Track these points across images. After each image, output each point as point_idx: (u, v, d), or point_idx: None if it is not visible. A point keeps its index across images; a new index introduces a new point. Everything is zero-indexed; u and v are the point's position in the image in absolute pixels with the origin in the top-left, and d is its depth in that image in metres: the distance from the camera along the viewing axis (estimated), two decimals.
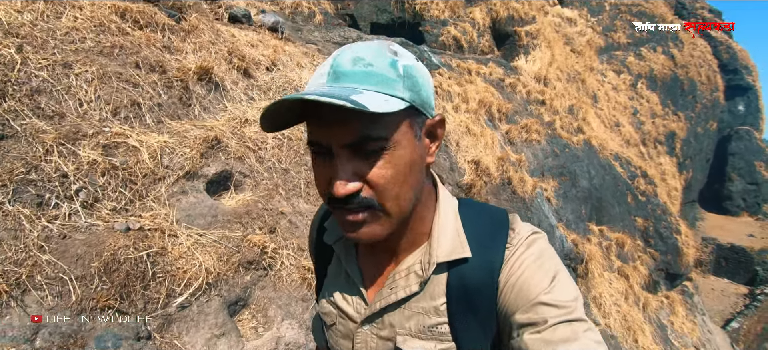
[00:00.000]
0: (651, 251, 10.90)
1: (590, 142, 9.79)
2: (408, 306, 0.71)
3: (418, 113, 0.63)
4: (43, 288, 1.38)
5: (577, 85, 13.26)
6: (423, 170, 0.67)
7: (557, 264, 0.67)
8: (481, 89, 7.79)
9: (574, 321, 0.60)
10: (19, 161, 1.68)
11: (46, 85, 2.05)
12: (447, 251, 0.69)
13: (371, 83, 0.58)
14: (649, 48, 19.43)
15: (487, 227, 0.70)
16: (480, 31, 9.42)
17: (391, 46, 0.63)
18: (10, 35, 2.16)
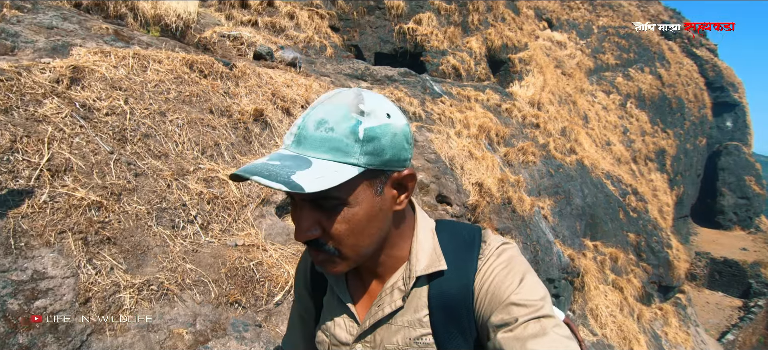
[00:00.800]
0: (643, 264, 11.55)
1: (583, 162, 10.52)
2: (394, 322, 0.78)
3: (380, 172, 0.68)
4: (192, 288, 1.97)
5: (568, 107, 14.06)
6: (387, 218, 0.72)
7: (525, 268, 0.73)
8: (480, 115, 8.50)
9: (543, 317, 0.65)
10: (152, 193, 2.29)
11: (151, 131, 2.68)
12: (425, 265, 0.76)
13: (325, 150, 0.63)
14: (636, 68, 20.46)
15: (461, 242, 0.78)
16: (477, 59, 10.20)
17: (361, 104, 0.66)
18: (116, 89, 2.79)
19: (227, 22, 7.18)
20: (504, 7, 12.41)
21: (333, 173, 0.61)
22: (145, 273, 1.89)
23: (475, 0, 10.73)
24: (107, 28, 3.93)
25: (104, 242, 1.85)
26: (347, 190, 0.65)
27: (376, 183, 0.68)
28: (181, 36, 6.13)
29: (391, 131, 0.67)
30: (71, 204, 1.87)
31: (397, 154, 0.68)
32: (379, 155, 0.66)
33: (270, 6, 7.82)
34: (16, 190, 1.77)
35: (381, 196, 0.69)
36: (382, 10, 9.60)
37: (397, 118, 0.69)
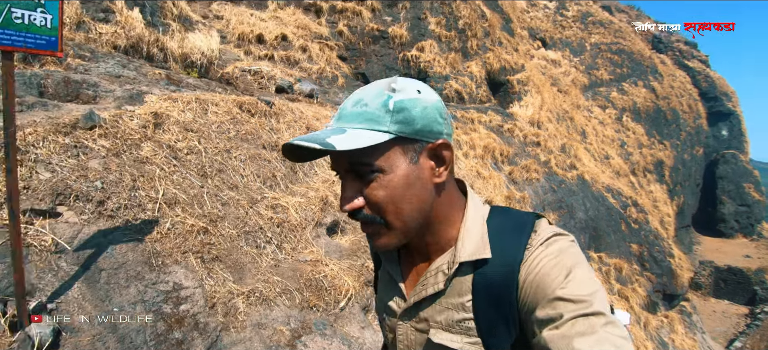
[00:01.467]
0: (647, 274, 12.02)
1: (583, 177, 11.10)
2: (440, 302, 0.81)
3: (412, 140, 0.72)
4: (282, 295, 2.46)
5: (566, 124, 14.70)
6: (426, 189, 0.75)
7: (575, 261, 0.71)
8: (484, 136, 9.09)
9: (592, 315, 0.62)
10: (236, 219, 2.79)
11: (222, 166, 3.19)
12: (469, 252, 0.77)
13: (360, 121, 0.71)
14: (630, 83, 21.27)
15: (511, 230, 0.78)
16: (477, 82, 10.84)
17: (393, 83, 0.74)
18: (189, 130, 3.31)
19: (246, 57, 7.76)
20: (500, 30, 13.14)
21: (364, 138, 0.69)
22: (247, 283, 2.38)
23: (474, 26, 11.44)
24: (159, 73, 4.48)
25: (214, 259, 2.35)
26: (381, 157, 0.71)
27: (410, 151, 0.73)
28: (205, 72, 6.71)
29: (421, 104, 0.73)
30: (186, 230, 2.37)
31: (429, 125, 0.73)
32: (410, 124, 0.72)
33: (284, 40, 8.42)
34: (146, 220, 2.28)
35: (417, 165, 0.74)
36: (387, 40, 10.25)
37: (427, 94, 0.75)
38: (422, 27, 10.73)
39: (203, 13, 8.45)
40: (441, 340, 0.80)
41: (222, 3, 8.89)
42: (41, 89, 3.24)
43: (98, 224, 2.09)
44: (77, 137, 2.47)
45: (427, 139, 0.74)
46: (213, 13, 8.58)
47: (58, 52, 1.67)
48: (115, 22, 6.01)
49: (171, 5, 7.42)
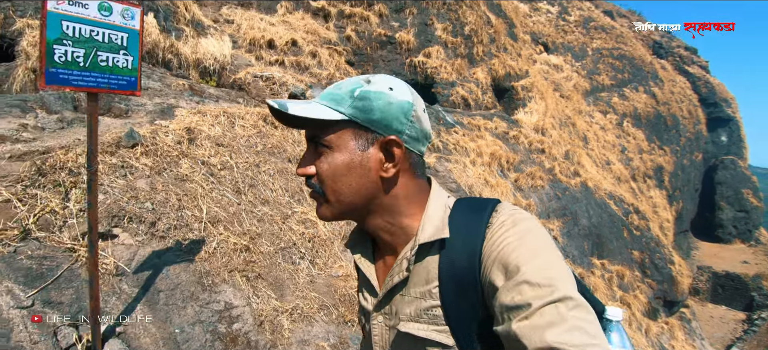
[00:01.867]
0: (648, 280, 12.21)
1: (587, 184, 11.27)
2: (407, 292, 0.82)
3: (365, 128, 0.78)
4: (320, 311, 2.57)
5: (569, 129, 14.87)
6: (369, 178, 0.79)
7: (541, 242, 0.71)
8: (491, 143, 9.22)
9: (559, 301, 0.62)
10: (272, 235, 2.90)
11: (254, 182, 3.30)
12: (429, 234, 0.78)
13: (326, 100, 0.79)
14: (631, 88, 21.49)
15: (471, 211, 0.79)
16: (483, 89, 10.98)
17: (371, 77, 0.81)
18: (220, 145, 3.42)
19: (257, 63, 7.86)
20: (505, 36, 13.29)
21: (318, 110, 0.76)
22: (288, 300, 2.50)
23: (480, 32, 11.57)
24: (182, 84, 4.58)
25: (257, 277, 2.46)
26: (331, 134, 0.77)
27: (361, 138, 0.78)
28: (218, 77, 6.82)
29: (386, 99, 0.78)
30: (230, 249, 2.49)
31: (387, 119, 0.78)
32: (366, 113, 0.77)
33: (294, 46, 8.52)
34: (194, 240, 2.39)
35: (364, 152, 0.78)
36: (394, 45, 10.37)
37: (399, 93, 0.79)
38: (429, 33, 10.86)
39: (214, 17, 8.54)
40: (407, 329, 0.81)
41: (232, 7, 8.98)
42: (75, 104, 3.35)
43: (152, 245, 2.20)
44: (123, 157, 2.58)
45: (380, 131, 0.78)
46: (223, 17, 8.67)
47: (137, 91, 1.78)
48: None
49: (183, 10, 7.51)
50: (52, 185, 2.14)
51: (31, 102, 3.05)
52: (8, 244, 1.79)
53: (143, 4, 6.77)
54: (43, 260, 1.81)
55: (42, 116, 2.79)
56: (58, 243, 1.92)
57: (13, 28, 5.23)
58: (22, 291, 1.67)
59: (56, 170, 2.21)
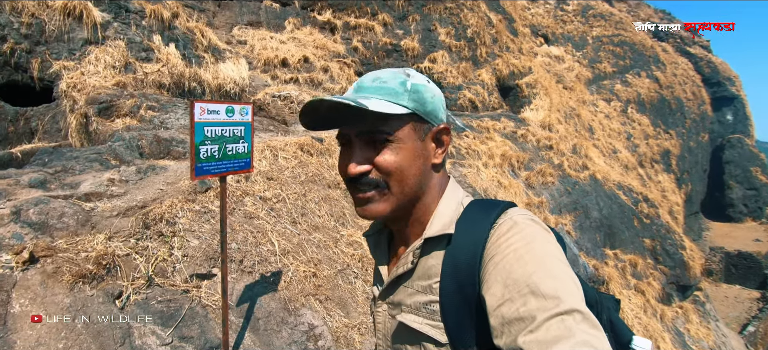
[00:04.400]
0: (661, 267, 12.68)
1: (595, 176, 11.72)
2: (411, 285, 0.86)
3: (422, 120, 0.84)
4: None
5: (574, 121, 15.30)
6: (426, 165, 0.86)
7: (548, 250, 0.70)
8: (500, 144, 9.68)
9: (566, 313, 0.61)
10: (328, 259, 3.37)
11: (304, 210, 3.77)
12: (435, 230, 0.83)
13: (381, 94, 0.81)
14: (633, 74, 21.91)
15: (481, 211, 0.82)
16: (489, 90, 11.44)
17: (407, 71, 0.86)
18: (270, 179, 3.88)
19: (273, 82, 8.33)
20: (506, 34, 13.73)
21: (388, 105, 0.79)
22: (353, 316, 2.97)
23: (482, 34, 12.02)
24: None
25: (327, 299, 2.93)
26: (396, 128, 0.81)
27: (420, 129, 0.84)
28: (238, 99, 7.27)
29: (431, 91, 0.85)
30: (301, 276, 2.96)
31: (436, 110, 0.85)
32: (423, 105, 0.83)
33: (306, 62, 8.98)
34: (274, 272, 2.86)
35: (423, 142, 0.84)
36: (400, 53, 10.82)
37: (435, 87, 0.87)
38: (433, 38, 11.31)
39: (227, 38, 8.99)
40: (404, 319, 0.85)
41: (242, 28, 9.43)
42: (140, 150, 3.81)
43: (243, 280, 2.67)
44: (201, 202, 3.05)
45: (433, 122, 0.85)
46: (235, 38, 9.12)
47: (251, 168, 2.26)
48: (157, 60, 6.60)
49: (200, 36, 7.97)
50: (157, 236, 2.61)
51: (104, 154, 3.51)
52: (139, 292, 2.26)
53: (164, 35, 7.26)
54: (168, 303, 2.28)
55: (123, 169, 3.25)
56: (174, 286, 2.39)
57: (50, 70, 5.72)
58: (162, 331, 2.13)
59: (157, 222, 2.68)
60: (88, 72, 5.70)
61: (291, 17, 10.09)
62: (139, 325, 2.08)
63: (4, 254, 2.25)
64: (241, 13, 9.60)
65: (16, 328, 1.85)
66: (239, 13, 9.59)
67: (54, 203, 2.60)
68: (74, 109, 5.08)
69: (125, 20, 6.69)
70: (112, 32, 6.28)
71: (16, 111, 5.46)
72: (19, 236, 2.39)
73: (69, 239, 2.43)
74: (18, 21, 5.57)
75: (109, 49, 6.08)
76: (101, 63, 5.85)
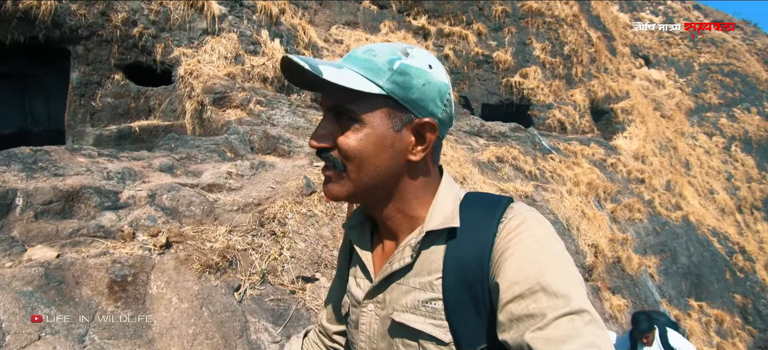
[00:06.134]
0: (749, 328, 11.61)
1: (688, 218, 10.91)
2: (405, 282, 0.79)
3: (401, 108, 0.75)
4: None
5: (669, 154, 14.32)
6: (398, 160, 0.77)
7: (559, 249, 0.70)
8: (587, 171, 9.29)
9: (574, 313, 0.61)
10: None
11: None
12: (437, 222, 0.77)
13: (360, 67, 0.74)
14: (742, 108, 20.05)
15: (485, 206, 0.78)
16: (581, 112, 10.98)
17: (409, 50, 0.77)
18: None
19: None
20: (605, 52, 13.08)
21: (355, 80, 0.71)
22: None
23: (580, 53, 11.54)
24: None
25: None
26: (365, 109, 0.74)
27: (396, 118, 0.75)
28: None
29: (426, 78, 0.75)
30: None
31: (424, 100, 0.75)
32: (405, 90, 0.74)
33: None
34: None
35: (397, 133, 0.75)
36: (490, 64, 10.68)
37: (438, 73, 0.77)
38: (527, 52, 11.03)
39: (325, 36, 9.34)
40: (403, 320, 0.78)
41: (340, 27, 9.75)
42: (251, 144, 4.10)
43: None
44: (307, 206, 3.24)
45: (416, 112, 0.76)
46: (333, 37, 9.46)
47: None
48: (262, 53, 6.99)
49: (302, 33, 8.34)
50: (269, 235, 2.82)
51: (222, 146, 3.82)
52: (254, 287, 2.46)
53: (270, 30, 7.67)
54: (278, 302, 2.46)
55: (239, 163, 3.53)
56: (283, 286, 2.58)
57: (171, 56, 6.25)
58: (273, 329, 2.31)
59: (270, 221, 2.89)
60: (203, 60, 6.18)
61: (387, 20, 10.28)
62: (255, 320, 2.27)
63: (140, 234, 2.54)
64: (340, 13, 9.92)
65: (152, 309, 2.10)
66: (338, 12, 9.91)
67: (183, 191, 2.89)
68: (191, 95, 5.55)
69: (238, 14, 7.16)
70: (227, 25, 6.75)
71: (139, 89, 6.05)
72: (153, 218, 2.68)
73: (195, 227, 2.69)
74: (148, 8, 6.14)
75: (223, 40, 6.55)
76: (216, 53, 6.32)
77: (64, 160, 2.90)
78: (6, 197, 2.41)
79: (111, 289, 2.06)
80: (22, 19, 5.12)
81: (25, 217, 2.42)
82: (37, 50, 5.46)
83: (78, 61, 5.63)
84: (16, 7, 5.05)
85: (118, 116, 5.88)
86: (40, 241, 2.33)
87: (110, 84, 5.84)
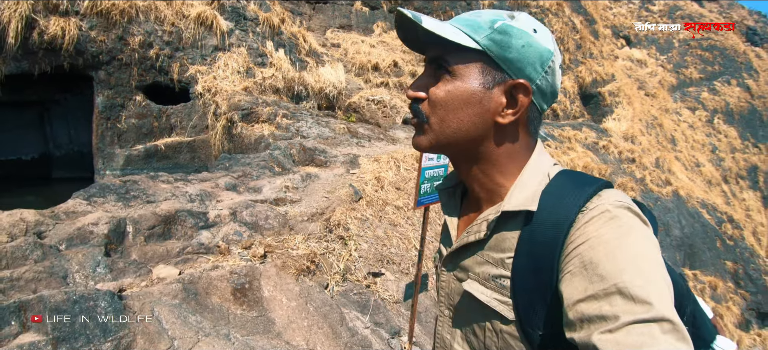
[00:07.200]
0: (742, 292, 12.54)
1: (678, 192, 11.76)
2: (481, 254, 0.81)
3: (496, 66, 0.75)
4: None
5: (655, 131, 15.18)
6: (484, 119, 0.77)
7: (644, 247, 0.65)
8: (582, 155, 10.00)
9: (652, 321, 0.57)
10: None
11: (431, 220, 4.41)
12: (515, 204, 0.75)
13: (462, 24, 0.76)
14: (722, 81, 21.12)
15: (571, 188, 0.74)
16: (571, 98, 11.71)
17: (517, 14, 0.78)
18: (398, 189, 4.55)
19: (366, 85, 9.08)
20: (590, 38, 13.83)
21: (452, 32, 0.74)
22: None
23: (566, 40, 12.25)
24: (344, 127, 5.81)
25: None
26: (459, 61, 0.76)
27: (488, 75, 0.75)
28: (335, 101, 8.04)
29: (527, 40, 0.75)
30: None
31: (522, 62, 0.75)
32: (502, 49, 0.74)
33: (396, 66, 9.67)
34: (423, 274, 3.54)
35: (488, 91, 0.75)
36: None
37: (542, 38, 0.77)
38: None
39: (321, 41, 9.82)
40: (470, 289, 0.81)
41: (335, 31, 10.24)
42: (292, 157, 4.60)
43: (403, 279, 3.37)
44: (359, 211, 3.77)
45: (511, 73, 0.75)
46: (329, 41, 9.94)
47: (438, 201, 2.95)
48: (270, 64, 7.47)
49: (302, 41, 8.82)
50: (338, 239, 3.35)
51: (269, 161, 4.32)
52: (338, 284, 3.00)
53: (274, 40, 8.15)
54: (360, 295, 3.00)
55: (290, 177, 4.04)
56: (359, 282, 3.11)
57: (187, 74, 6.69)
58: (362, 317, 2.86)
59: (336, 227, 3.42)
60: (219, 76, 6.64)
61: (379, 21, 10.80)
62: (347, 311, 2.81)
63: (233, 247, 3.05)
64: (333, 17, 10.40)
65: (271, 308, 2.62)
66: (332, 16, 10.40)
67: (258, 208, 3.40)
68: (217, 112, 6.00)
69: (244, 27, 7.61)
70: (235, 39, 7.20)
71: (159, 109, 6.48)
72: (240, 233, 3.19)
73: (276, 237, 3.21)
74: (161, 29, 6.56)
75: (233, 55, 7.00)
76: (229, 68, 6.77)
77: (151, 188, 3.38)
78: (119, 226, 2.89)
79: (235, 296, 2.58)
80: (47, 49, 5.51)
81: (138, 241, 2.91)
82: (58, 77, 5.84)
83: (101, 86, 6.03)
84: (41, 39, 5.43)
85: (143, 136, 6.30)
86: (156, 261, 2.83)
87: (133, 105, 6.25)
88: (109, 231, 2.79)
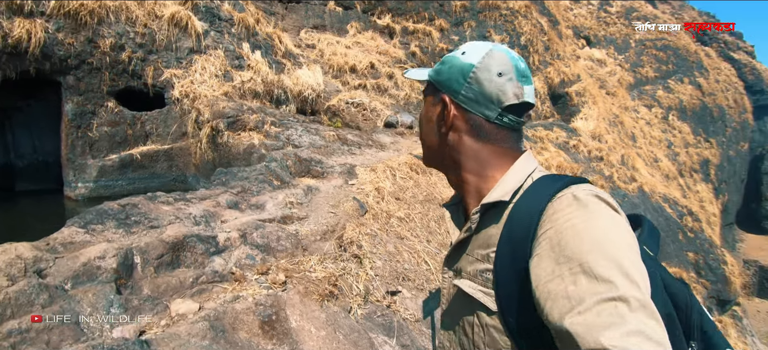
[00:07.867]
0: (703, 281, 13.24)
1: (643, 188, 12.30)
2: (471, 252, 0.90)
3: (436, 89, 0.97)
4: None
5: (617, 129, 15.80)
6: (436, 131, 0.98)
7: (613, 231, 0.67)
8: (555, 155, 10.27)
9: (619, 299, 0.59)
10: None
11: (430, 228, 4.42)
12: (494, 196, 0.85)
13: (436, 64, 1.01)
14: (676, 80, 22.25)
15: (547, 184, 0.81)
16: (541, 98, 12.01)
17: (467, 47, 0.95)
18: (397, 199, 4.53)
19: (344, 88, 8.98)
20: (556, 40, 14.21)
21: (419, 73, 1.04)
22: None
23: (535, 42, 12.54)
24: (333, 135, 5.71)
25: None
26: (425, 92, 1.03)
27: (436, 97, 0.98)
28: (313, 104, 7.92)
29: (452, 62, 0.95)
30: None
31: (448, 80, 0.94)
32: (437, 74, 0.97)
33: (372, 68, 9.61)
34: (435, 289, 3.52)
35: (434, 108, 0.98)
36: None
37: (470, 56, 0.92)
38: None
39: (296, 42, 9.63)
40: (460, 284, 0.89)
41: (309, 31, 10.07)
42: (289, 169, 4.48)
43: (420, 296, 3.33)
44: (368, 226, 3.71)
45: (443, 91, 0.95)
46: (304, 42, 9.76)
47: None
48: (247, 67, 7.27)
49: (278, 42, 8.63)
50: (352, 258, 3.28)
51: (266, 174, 4.19)
52: (361, 307, 2.94)
53: (250, 42, 7.94)
54: (383, 317, 2.95)
55: (292, 191, 3.93)
56: (379, 302, 3.06)
57: (161, 78, 6.42)
58: (390, 341, 2.81)
59: (349, 245, 3.35)
60: (196, 80, 6.38)
61: (353, 21, 10.71)
62: (375, 336, 2.76)
63: (248, 273, 2.93)
64: (306, 17, 10.23)
65: (300, 339, 2.53)
66: (305, 16, 10.22)
67: (269, 227, 3.28)
68: (199, 120, 5.77)
69: (219, 28, 7.36)
70: (211, 41, 6.95)
71: (133, 115, 6.18)
72: (252, 257, 3.08)
73: (290, 259, 3.11)
74: (133, 30, 6.24)
75: (210, 58, 6.76)
76: (206, 72, 6.53)
77: (152, 211, 3.20)
78: (127, 258, 2.72)
79: (263, 329, 2.47)
80: (12, 54, 5.13)
81: (148, 273, 2.75)
82: (21, 82, 5.46)
83: (70, 92, 5.68)
84: (5, 42, 5.05)
85: (117, 145, 5.99)
86: (171, 294, 2.68)
87: (104, 112, 5.92)
88: (117, 265, 2.62)
